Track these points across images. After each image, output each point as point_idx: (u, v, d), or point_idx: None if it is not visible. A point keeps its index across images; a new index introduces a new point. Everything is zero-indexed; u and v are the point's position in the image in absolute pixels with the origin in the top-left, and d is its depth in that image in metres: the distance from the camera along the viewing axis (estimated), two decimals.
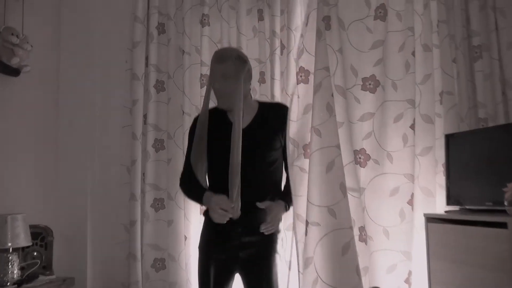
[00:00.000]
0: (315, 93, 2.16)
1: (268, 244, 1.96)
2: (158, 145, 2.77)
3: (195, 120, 2.06)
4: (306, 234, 2.07)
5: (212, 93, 1.99)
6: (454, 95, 2.40)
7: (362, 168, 2.41)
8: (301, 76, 2.22)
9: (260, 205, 1.89)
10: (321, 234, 2.05)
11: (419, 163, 2.38)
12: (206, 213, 2.00)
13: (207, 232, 2.00)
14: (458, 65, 2.39)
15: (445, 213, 2.11)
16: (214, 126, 1.98)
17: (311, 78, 2.16)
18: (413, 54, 2.41)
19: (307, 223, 2.07)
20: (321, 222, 2.05)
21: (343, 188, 2.08)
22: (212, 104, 2.03)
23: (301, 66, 2.21)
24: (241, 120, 1.91)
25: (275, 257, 1.96)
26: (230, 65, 1.91)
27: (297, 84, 2.21)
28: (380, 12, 2.48)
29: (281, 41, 2.63)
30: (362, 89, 2.47)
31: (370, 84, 2.46)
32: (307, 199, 2.07)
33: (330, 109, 2.14)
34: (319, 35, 2.24)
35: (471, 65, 2.40)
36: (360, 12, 2.49)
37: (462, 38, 2.38)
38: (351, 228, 2.07)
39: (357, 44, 2.47)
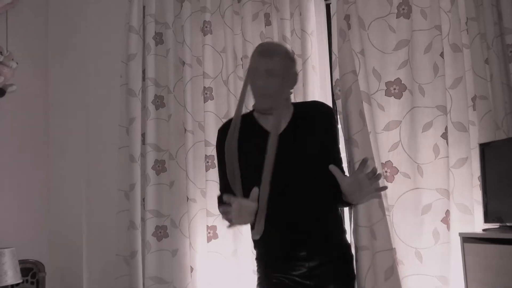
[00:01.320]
0: (347, 99, 2.15)
1: (342, 266, 1.87)
2: (158, 167, 2.74)
3: (222, 130, 1.92)
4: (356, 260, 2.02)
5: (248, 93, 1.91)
6: (489, 99, 2.36)
7: (389, 183, 2.37)
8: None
9: (332, 167, 1.79)
10: (370, 258, 2.03)
11: (453, 176, 2.35)
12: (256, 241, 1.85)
13: (264, 260, 1.86)
14: (491, 66, 2.35)
15: (483, 232, 2.07)
16: (245, 135, 1.86)
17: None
18: (442, 55, 2.39)
19: (356, 248, 2.05)
20: (368, 245, 2.04)
21: (381, 206, 2.07)
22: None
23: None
24: (279, 126, 1.82)
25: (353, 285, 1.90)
26: (277, 61, 1.82)
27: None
28: (403, 9, 2.46)
29: (291, 48, 2.61)
30: (386, 95, 2.46)
31: (395, 88, 2.45)
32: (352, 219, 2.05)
33: (362, 116, 2.16)
34: (342, 35, 2.21)
35: (506, 66, 2.35)
36: (381, 10, 2.48)
37: (494, 37, 2.34)
38: (392, 250, 2.06)
39: (379, 45, 2.47)
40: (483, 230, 2.10)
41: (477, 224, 2.26)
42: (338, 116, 2.29)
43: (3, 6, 2.64)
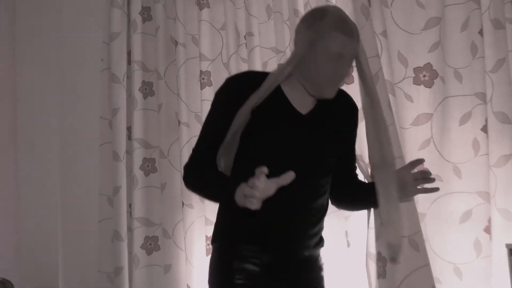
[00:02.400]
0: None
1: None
2: (147, 166, 2.69)
3: (237, 83, 1.82)
4: (383, 276, 2.04)
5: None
6: None
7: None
8: None
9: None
10: (403, 274, 2.03)
11: (495, 176, 2.29)
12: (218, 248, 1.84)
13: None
14: None
15: None
16: (267, 106, 1.76)
17: None
18: (481, 33, 2.32)
19: (384, 260, 2.06)
20: (401, 258, 2.04)
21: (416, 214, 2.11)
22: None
23: None
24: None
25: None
26: (359, 46, 1.78)
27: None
28: None
29: None
30: (414, 83, 2.40)
31: (425, 76, 2.39)
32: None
33: (391, 109, 2.14)
34: (364, 12, 2.17)
35: None
36: None
37: None
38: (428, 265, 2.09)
39: (405, 24, 2.41)
40: None
41: None
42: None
43: None
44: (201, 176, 1.77)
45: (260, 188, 1.53)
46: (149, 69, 2.71)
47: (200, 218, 2.55)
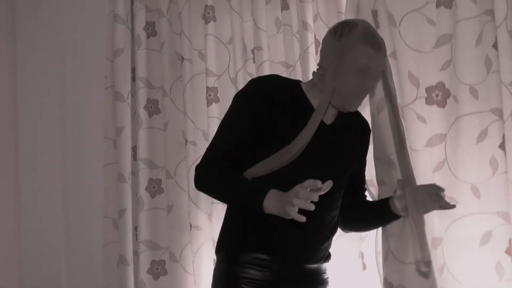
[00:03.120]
0: (383, 109, 2.18)
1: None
2: (154, 187, 2.73)
3: (265, 83, 1.88)
4: None
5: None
6: None
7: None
8: None
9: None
10: None
11: None
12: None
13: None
14: None
15: None
16: (287, 106, 1.85)
17: None
18: (495, 46, 2.31)
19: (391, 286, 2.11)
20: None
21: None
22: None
23: None
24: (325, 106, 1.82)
25: None
26: (384, 58, 1.87)
27: None
28: None
29: (315, 36, 2.56)
30: (427, 103, 2.38)
31: (437, 95, 2.38)
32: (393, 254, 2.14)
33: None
34: None
35: None
36: (415, 0, 2.43)
37: None
38: None
39: (415, 43, 2.41)
40: None
41: None
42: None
43: None
44: (221, 177, 1.79)
45: (307, 198, 1.57)
46: (154, 86, 2.75)
47: (209, 241, 2.57)
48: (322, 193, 1.59)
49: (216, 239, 2.49)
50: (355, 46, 1.79)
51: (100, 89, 2.78)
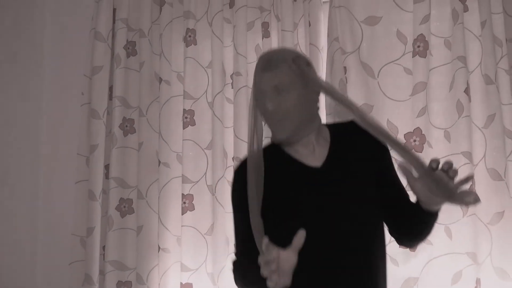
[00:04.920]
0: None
1: None
2: (124, 207, 2.75)
3: (239, 170, 1.83)
4: None
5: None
6: None
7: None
8: None
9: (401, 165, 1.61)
10: None
11: (490, 235, 2.36)
12: None
13: None
14: None
15: None
16: (271, 170, 1.76)
17: None
18: (467, 91, 2.42)
19: None
20: None
21: None
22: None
23: None
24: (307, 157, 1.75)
25: None
26: (285, 71, 1.73)
27: None
28: (418, 46, 2.48)
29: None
30: None
31: (415, 141, 2.48)
32: None
33: None
34: (342, 88, 2.36)
35: None
36: (392, 52, 2.54)
37: None
38: None
39: (392, 93, 2.53)
40: None
41: None
42: None
43: None
44: (244, 275, 1.74)
45: (274, 261, 1.50)
46: (131, 105, 2.78)
47: (176, 264, 2.59)
48: (300, 245, 1.54)
49: (184, 262, 2.55)
50: (254, 77, 1.79)
51: (76, 105, 2.81)
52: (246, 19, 2.70)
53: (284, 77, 1.72)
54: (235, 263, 1.80)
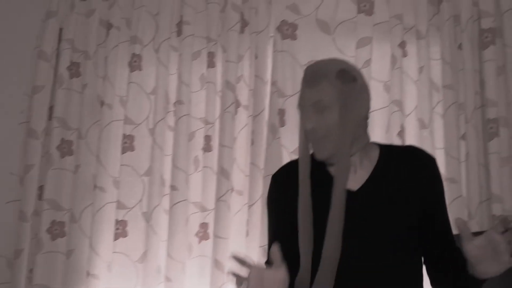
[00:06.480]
0: None
1: None
2: (56, 230, 2.73)
3: (279, 177, 1.77)
4: None
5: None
6: (460, 183, 2.49)
7: None
8: None
9: (458, 220, 1.44)
10: None
11: None
12: None
13: None
14: (468, 144, 2.48)
15: None
16: (312, 189, 1.70)
17: None
18: (400, 134, 2.53)
19: None
20: None
21: None
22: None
23: None
24: (346, 178, 1.61)
25: None
26: (326, 87, 1.63)
27: None
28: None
29: (236, 96, 2.73)
30: None
31: None
32: None
33: None
34: (273, 131, 2.45)
35: (485, 143, 2.50)
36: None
37: (474, 108, 2.49)
38: None
39: None
40: None
41: None
42: None
43: None
44: None
45: (251, 277, 1.45)
46: (70, 127, 2.78)
47: None
48: (275, 260, 1.47)
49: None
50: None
51: (14, 123, 2.82)
52: (193, 48, 2.78)
53: (324, 95, 1.63)
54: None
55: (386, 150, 1.73)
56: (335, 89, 1.63)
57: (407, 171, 1.67)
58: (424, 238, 1.68)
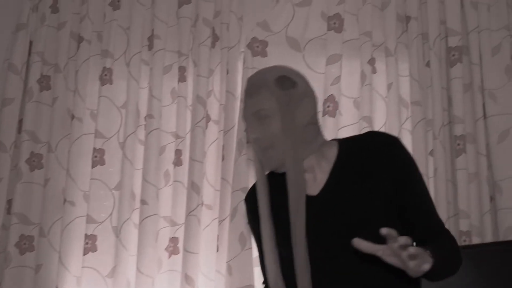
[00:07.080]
0: None
1: None
2: (24, 244, 2.72)
3: (247, 198, 1.81)
4: None
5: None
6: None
7: None
8: None
9: (384, 230, 1.33)
10: None
11: None
12: None
13: None
14: (436, 160, 2.53)
15: None
16: (274, 197, 1.72)
17: None
18: None
19: None
20: None
21: None
22: None
23: None
24: (302, 184, 1.58)
25: None
26: (266, 95, 1.60)
27: None
28: (328, 107, 2.64)
29: (207, 111, 2.75)
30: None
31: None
32: None
33: None
34: (239, 148, 2.47)
35: (452, 160, 2.55)
36: None
37: (442, 125, 2.55)
38: None
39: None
40: None
41: None
42: None
43: None
44: None
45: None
46: (40, 140, 2.79)
47: None
48: None
49: None
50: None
51: None
52: (164, 62, 2.80)
53: (264, 103, 1.60)
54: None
55: (345, 145, 1.69)
56: (274, 96, 1.61)
57: (367, 158, 1.63)
58: (406, 223, 1.63)
